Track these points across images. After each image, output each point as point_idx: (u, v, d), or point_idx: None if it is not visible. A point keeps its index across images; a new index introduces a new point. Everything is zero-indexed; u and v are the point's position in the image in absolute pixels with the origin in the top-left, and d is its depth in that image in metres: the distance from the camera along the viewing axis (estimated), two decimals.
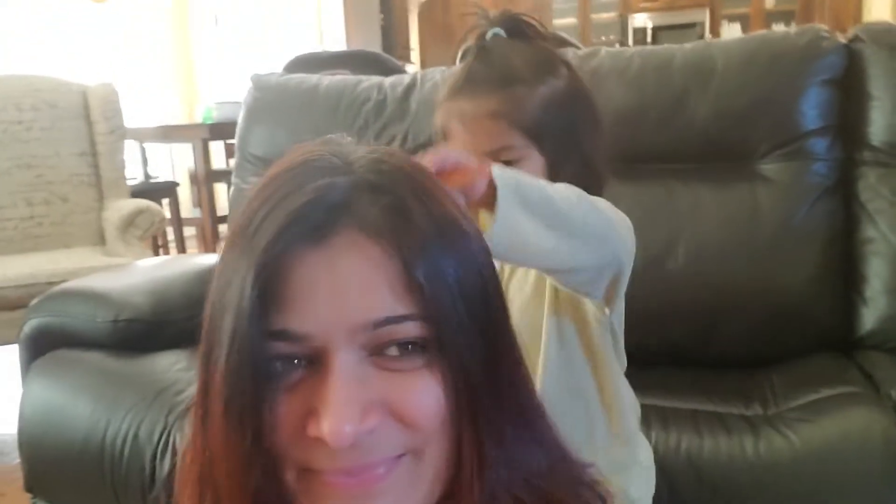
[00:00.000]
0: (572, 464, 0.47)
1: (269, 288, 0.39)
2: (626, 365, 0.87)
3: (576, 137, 0.85)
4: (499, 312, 0.44)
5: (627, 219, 0.76)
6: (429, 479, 0.42)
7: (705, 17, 6.11)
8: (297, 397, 0.40)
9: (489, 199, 0.62)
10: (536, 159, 0.83)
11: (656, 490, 0.94)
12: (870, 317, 1.32)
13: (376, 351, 0.40)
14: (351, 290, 0.39)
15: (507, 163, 0.80)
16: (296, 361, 0.41)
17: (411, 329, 0.40)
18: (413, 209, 0.41)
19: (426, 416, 0.41)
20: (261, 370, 0.39)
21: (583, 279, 0.75)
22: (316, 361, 0.40)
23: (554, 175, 0.82)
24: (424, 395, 0.41)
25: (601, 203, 0.73)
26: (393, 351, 0.41)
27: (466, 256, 0.43)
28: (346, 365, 0.39)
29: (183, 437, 1.20)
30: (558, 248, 0.66)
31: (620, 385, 0.86)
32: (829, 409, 1.01)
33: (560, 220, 0.66)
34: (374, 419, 0.39)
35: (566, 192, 0.69)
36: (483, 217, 0.63)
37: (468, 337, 0.41)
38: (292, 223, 0.40)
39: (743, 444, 0.97)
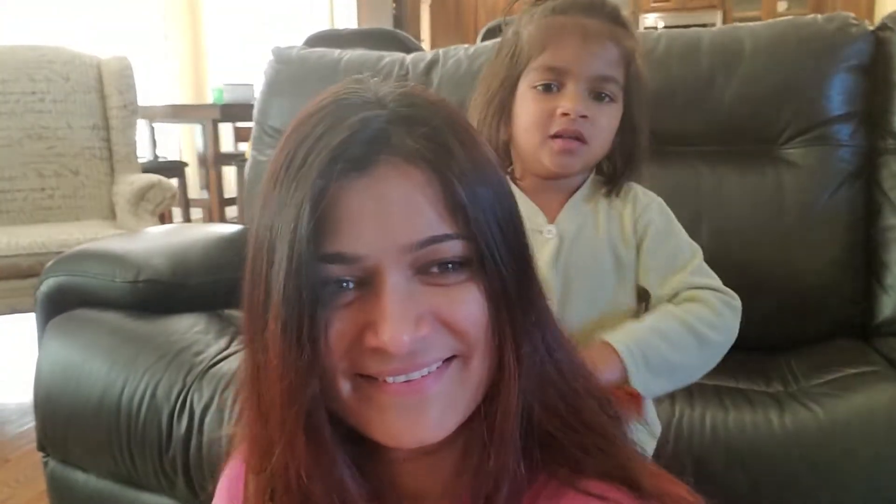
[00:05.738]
0: (585, 371, 0.51)
1: (321, 216, 0.42)
2: None
3: (642, 104, 0.84)
4: (524, 237, 0.48)
5: (737, 302, 0.85)
6: (473, 387, 0.46)
7: (717, 18, 6.12)
8: (350, 315, 0.44)
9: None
10: (618, 111, 0.82)
11: (681, 462, 0.94)
12: (889, 304, 1.32)
13: (423, 270, 0.44)
14: (396, 213, 0.43)
15: (600, 98, 0.79)
16: (344, 284, 0.44)
17: (454, 247, 0.44)
18: (449, 139, 0.45)
19: (472, 322, 0.45)
20: (316, 291, 0.43)
21: None
22: (366, 282, 0.44)
23: (626, 132, 0.83)
24: (469, 304, 0.45)
25: (719, 322, 0.82)
26: (436, 270, 0.44)
27: (497, 185, 0.47)
28: (397, 282, 0.43)
29: (201, 397, 1.20)
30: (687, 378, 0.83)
31: None
32: (855, 384, 1.01)
33: (679, 371, 0.81)
34: (427, 327, 0.44)
35: (681, 340, 0.79)
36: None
37: (504, 256, 0.45)
38: (336, 158, 0.43)
39: (768, 416, 0.97)
